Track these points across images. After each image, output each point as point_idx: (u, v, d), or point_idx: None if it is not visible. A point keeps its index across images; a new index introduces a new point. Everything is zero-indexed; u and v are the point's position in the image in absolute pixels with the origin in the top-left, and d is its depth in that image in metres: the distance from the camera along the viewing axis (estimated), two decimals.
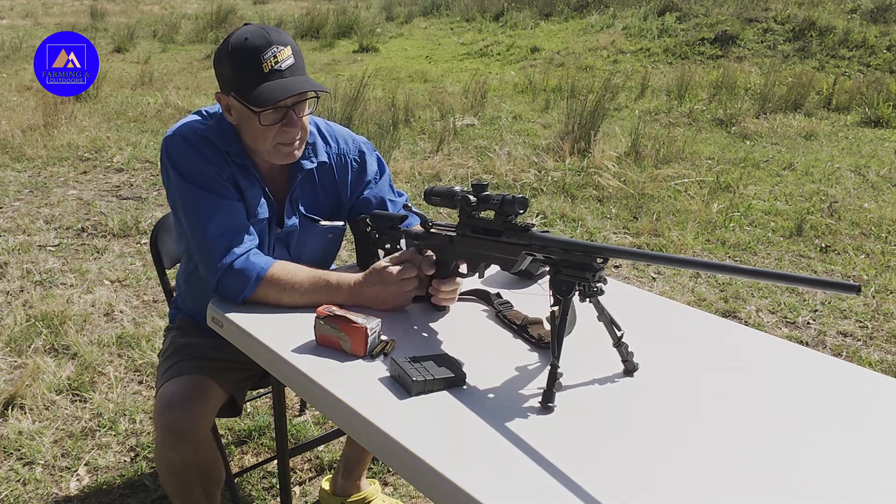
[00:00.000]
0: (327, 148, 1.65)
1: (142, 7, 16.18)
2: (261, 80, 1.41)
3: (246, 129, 1.49)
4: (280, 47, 1.42)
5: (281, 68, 1.42)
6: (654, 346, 1.33)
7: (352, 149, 1.69)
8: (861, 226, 4.24)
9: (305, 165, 1.60)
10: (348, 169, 1.68)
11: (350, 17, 12.50)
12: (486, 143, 5.95)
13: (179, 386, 1.52)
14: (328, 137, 1.67)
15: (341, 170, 1.67)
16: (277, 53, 1.41)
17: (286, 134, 1.48)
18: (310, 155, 1.61)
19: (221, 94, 1.50)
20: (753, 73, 8.30)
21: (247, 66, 1.41)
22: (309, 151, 1.61)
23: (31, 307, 3.07)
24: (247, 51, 1.41)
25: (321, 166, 1.63)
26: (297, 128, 1.48)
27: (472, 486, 0.94)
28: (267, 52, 1.40)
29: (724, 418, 1.12)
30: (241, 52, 1.41)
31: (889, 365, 2.82)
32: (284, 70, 1.42)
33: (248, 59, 1.40)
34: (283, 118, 1.46)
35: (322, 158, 1.63)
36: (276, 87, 1.41)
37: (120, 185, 4.90)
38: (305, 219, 1.64)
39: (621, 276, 3.58)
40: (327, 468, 2.19)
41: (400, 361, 1.21)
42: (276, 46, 1.41)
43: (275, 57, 1.41)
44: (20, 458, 2.17)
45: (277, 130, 1.47)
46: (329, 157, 1.65)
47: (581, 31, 10.87)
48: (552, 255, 1.21)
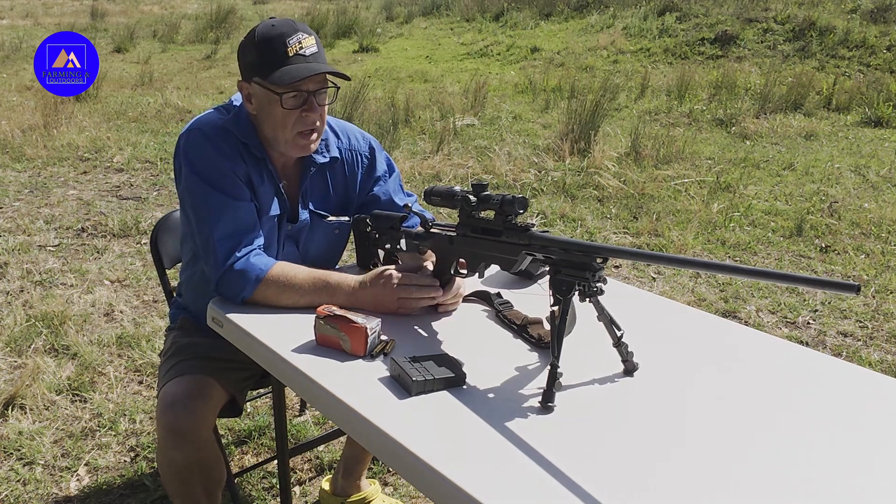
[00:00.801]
0: (339, 143, 1.67)
1: (142, 7, 16.18)
2: (285, 61, 1.45)
3: (266, 116, 1.51)
4: (305, 35, 1.47)
5: (305, 53, 1.46)
6: (654, 346, 1.33)
7: (362, 145, 1.71)
8: (861, 226, 4.24)
9: (318, 160, 1.61)
10: (358, 165, 1.69)
11: (350, 17, 12.51)
12: (486, 143, 5.95)
13: (181, 386, 1.52)
14: (339, 133, 1.69)
15: (352, 165, 1.68)
16: (302, 40, 1.46)
17: (306, 119, 1.49)
18: (322, 150, 1.62)
19: (243, 81, 1.52)
20: (753, 73, 8.30)
21: (272, 50, 1.45)
22: (322, 146, 1.62)
23: (31, 307, 3.07)
24: (273, 35, 1.46)
25: (333, 162, 1.65)
26: (316, 114, 1.50)
27: (472, 486, 0.94)
28: (292, 38, 1.45)
29: (724, 418, 1.12)
30: (267, 37, 1.46)
31: (889, 365, 2.82)
32: (308, 56, 1.47)
33: (274, 43, 1.45)
34: (303, 103, 1.48)
35: (334, 154, 1.64)
36: (301, 68, 1.45)
37: (120, 185, 4.91)
38: (314, 214, 1.65)
39: (621, 276, 3.58)
40: (327, 468, 2.19)
41: (400, 361, 1.21)
42: (302, 34, 1.47)
43: (300, 43, 1.46)
44: (20, 458, 2.17)
45: (297, 117, 1.49)
46: (340, 153, 1.66)
47: (581, 31, 10.87)
48: (552, 254, 1.21)
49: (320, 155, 1.62)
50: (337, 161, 1.65)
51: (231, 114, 1.56)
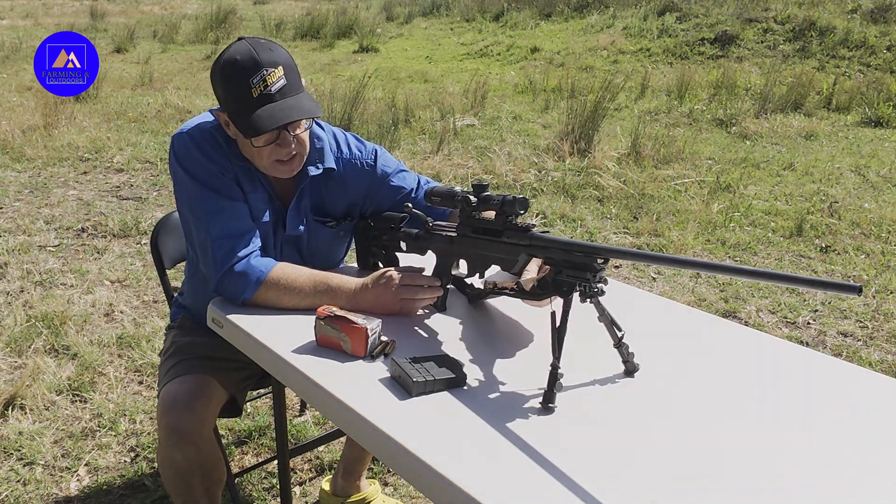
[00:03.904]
0: (338, 153, 1.63)
1: (142, 7, 16.18)
2: (250, 107, 1.38)
3: (243, 145, 1.49)
4: (270, 69, 1.39)
5: (271, 92, 1.39)
6: (654, 346, 1.33)
7: (368, 153, 1.67)
8: (861, 226, 4.24)
9: (311, 172, 1.57)
10: (361, 171, 1.65)
11: (350, 18, 12.51)
12: (486, 144, 5.95)
13: (183, 385, 1.51)
14: (341, 143, 1.65)
15: (352, 174, 1.64)
16: (267, 77, 1.38)
17: (280, 151, 1.46)
18: (316, 160, 1.59)
19: (218, 110, 1.49)
20: (753, 73, 8.30)
21: (236, 92, 1.39)
22: (315, 157, 1.59)
23: (32, 307, 3.07)
24: (236, 74, 1.38)
25: (328, 172, 1.61)
26: (290, 147, 1.46)
27: (472, 487, 0.94)
28: (255, 77, 1.37)
29: (724, 418, 1.12)
30: (230, 76, 1.40)
31: (889, 365, 2.82)
32: (275, 94, 1.39)
33: (238, 84, 1.38)
34: (276, 139, 1.45)
35: (329, 164, 1.60)
36: (265, 116, 1.38)
37: (120, 185, 4.90)
38: (314, 223, 1.63)
39: (621, 276, 3.58)
40: (327, 468, 2.19)
41: (400, 362, 1.21)
42: (266, 69, 1.38)
43: (264, 81, 1.38)
44: (20, 459, 2.17)
45: (272, 149, 1.46)
46: (339, 163, 1.63)
47: (581, 31, 10.87)
48: (553, 255, 1.21)
49: (313, 167, 1.58)
50: (333, 172, 1.62)
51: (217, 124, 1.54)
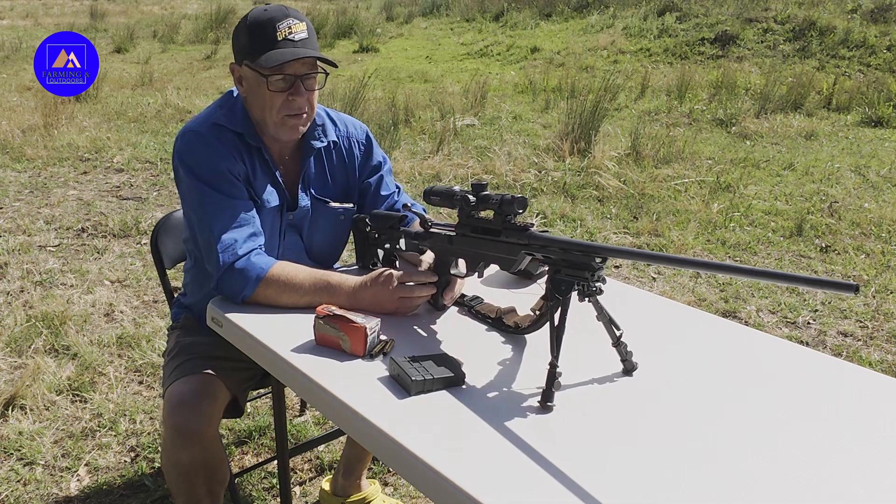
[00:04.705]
0: (336, 130, 1.70)
1: (142, 7, 16.19)
2: (273, 45, 1.47)
3: (255, 98, 1.53)
4: (295, 21, 1.49)
5: (294, 38, 1.48)
6: (653, 345, 1.33)
7: (360, 133, 1.74)
8: (861, 226, 4.24)
9: (315, 145, 1.63)
10: (356, 151, 1.72)
11: (350, 18, 12.52)
12: (486, 143, 5.95)
13: (189, 385, 1.51)
14: (336, 121, 1.71)
15: (350, 151, 1.71)
16: (293, 25, 1.48)
17: (293, 103, 1.51)
18: (320, 136, 1.65)
19: (235, 64, 1.55)
20: (753, 73, 8.30)
21: (261, 33, 1.48)
22: (319, 132, 1.64)
23: (32, 307, 3.07)
24: (264, 20, 1.48)
25: (331, 147, 1.67)
26: (303, 98, 1.52)
27: (472, 486, 0.94)
28: (282, 23, 1.47)
29: (724, 418, 1.12)
30: (258, 21, 1.49)
31: (889, 365, 2.82)
32: (297, 41, 1.48)
33: (264, 27, 1.47)
34: (290, 87, 1.50)
35: (332, 138, 1.67)
36: (288, 52, 1.46)
37: (120, 185, 4.91)
38: (316, 201, 1.66)
39: (621, 276, 3.58)
40: (327, 468, 2.19)
41: (399, 361, 1.21)
42: (292, 19, 1.49)
43: (290, 28, 1.48)
44: (20, 459, 2.17)
45: (284, 100, 1.50)
46: (339, 138, 1.69)
47: (581, 31, 10.87)
48: (551, 254, 1.21)
49: (318, 140, 1.64)
50: (335, 146, 1.68)
51: (225, 108, 1.58)
